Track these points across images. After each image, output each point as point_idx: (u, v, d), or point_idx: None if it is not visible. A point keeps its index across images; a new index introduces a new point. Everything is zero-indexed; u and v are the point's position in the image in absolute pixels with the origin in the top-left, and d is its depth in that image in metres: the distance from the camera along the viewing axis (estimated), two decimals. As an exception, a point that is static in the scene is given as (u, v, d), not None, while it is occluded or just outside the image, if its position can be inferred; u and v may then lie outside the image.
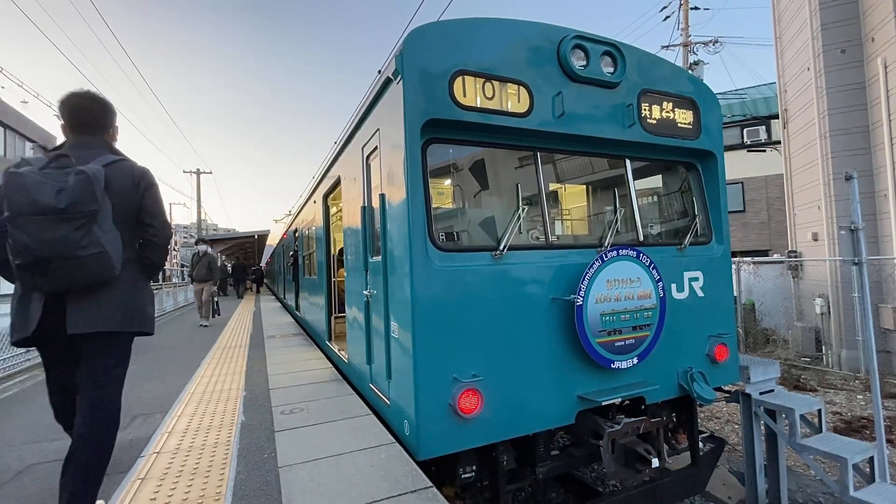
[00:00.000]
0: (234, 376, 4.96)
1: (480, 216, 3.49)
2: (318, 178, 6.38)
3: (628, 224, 3.73)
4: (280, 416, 3.54)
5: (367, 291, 3.67)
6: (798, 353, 9.57)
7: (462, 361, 2.83)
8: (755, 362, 4.40)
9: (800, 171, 10.66)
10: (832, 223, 9.17)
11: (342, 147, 4.66)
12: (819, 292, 9.55)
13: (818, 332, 9.52)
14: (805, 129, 10.20)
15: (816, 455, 3.83)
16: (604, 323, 3.21)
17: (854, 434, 5.78)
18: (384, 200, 3.20)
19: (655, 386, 3.43)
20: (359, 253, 3.86)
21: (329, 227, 6.06)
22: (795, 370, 8.66)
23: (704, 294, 3.81)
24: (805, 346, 9.57)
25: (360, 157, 3.88)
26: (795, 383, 7.94)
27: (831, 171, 9.11)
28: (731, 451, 5.72)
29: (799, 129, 10.57)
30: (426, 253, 2.81)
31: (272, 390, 4.31)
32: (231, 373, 5.13)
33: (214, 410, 3.80)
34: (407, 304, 2.80)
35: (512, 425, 2.97)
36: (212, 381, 4.79)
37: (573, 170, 3.92)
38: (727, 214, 4.03)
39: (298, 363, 5.50)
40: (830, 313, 9.17)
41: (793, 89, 10.82)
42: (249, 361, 5.74)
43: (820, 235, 9.69)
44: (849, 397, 7.38)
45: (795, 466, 5.34)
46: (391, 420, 3.20)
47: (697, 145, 3.87)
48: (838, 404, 7.08)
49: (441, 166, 3.25)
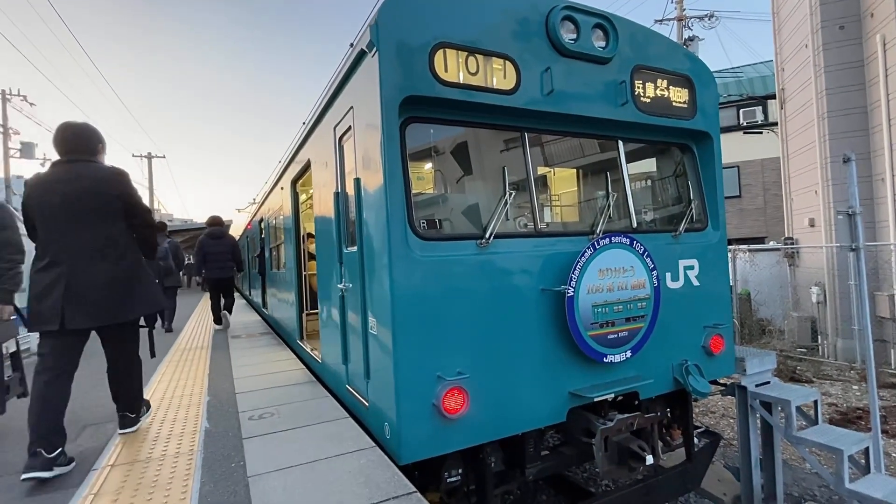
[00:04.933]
0: (195, 380, 4.90)
1: (464, 202, 3.49)
2: (285, 161, 6.29)
3: (621, 210, 3.78)
4: (248, 422, 3.51)
5: (341, 285, 3.66)
6: (794, 344, 9.96)
7: (446, 358, 2.85)
8: (751, 354, 4.55)
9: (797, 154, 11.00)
10: (829, 208, 9.51)
11: (312, 127, 4.60)
12: (816, 280, 9.93)
13: (814, 322, 9.92)
14: (803, 109, 10.50)
15: (812, 447, 4.01)
16: (596, 315, 3.25)
17: (850, 425, 6.08)
18: (359, 186, 3.17)
19: (649, 380, 3.50)
20: (332, 243, 3.86)
21: (298, 215, 6.01)
22: (791, 361, 9.02)
23: (700, 283, 3.89)
24: (801, 337, 9.97)
25: (331, 138, 3.85)
26: (791, 375, 8.27)
27: (829, 154, 9.43)
28: (727, 446, 5.94)
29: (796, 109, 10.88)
30: (406, 242, 2.81)
31: (238, 394, 4.27)
32: (192, 376, 5.06)
33: (175, 417, 3.74)
34: (386, 298, 2.80)
35: (500, 425, 3.01)
36: (171, 385, 4.72)
37: (563, 152, 3.96)
38: (724, 199, 4.13)
39: (267, 365, 5.47)
40: (827, 302, 9.55)
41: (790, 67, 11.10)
42: (213, 364, 5.67)
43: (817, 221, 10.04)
44: (845, 388, 7.73)
45: (791, 460, 5.58)
46: (370, 423, 3.21)
47: (693, 126, 3.93)
48: (834, 395, 7.42)
49: (421, 148, 3.24)
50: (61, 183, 2.92)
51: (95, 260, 2.92)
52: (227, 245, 8.40)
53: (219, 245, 8.32)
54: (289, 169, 6.07)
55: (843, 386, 7.86)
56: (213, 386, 4.62)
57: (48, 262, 2.89)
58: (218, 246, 8.31)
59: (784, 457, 5.38)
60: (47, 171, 3.00)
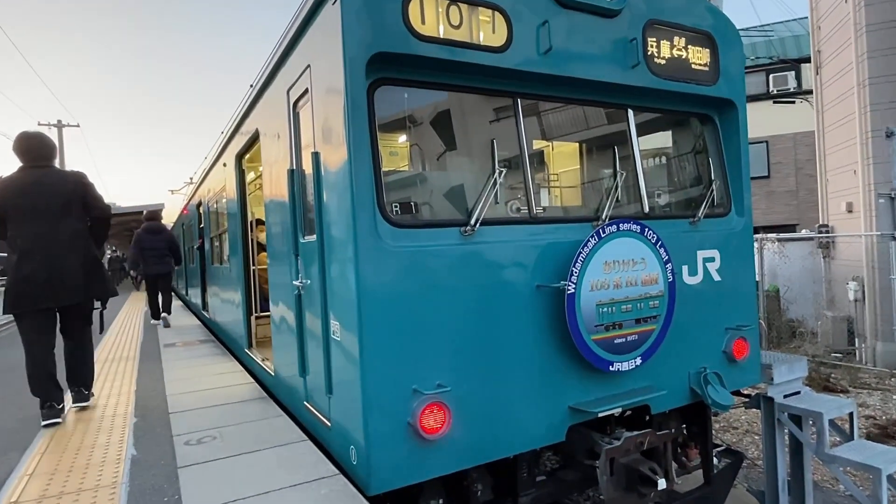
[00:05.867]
0: (119, 398, 4.86)
1: (446, 183, 3.50)
2: (228, 132, 6.24)
3: (631, 192, 3.81)
4: (184, 448, 3.50)
5: (298, 282, 3.66)
6: (828, 349, 10.28)
7: (424, 368, 2.86)
8: (779, 359, 4.67)
9: (834, 128, 11.27)
10: (870, 191, 9.78)
11: (261, 91, 4.55)
12: (853, 275, 10.24)
13: (851, 323, 10.24)
14: (841, 75, 10.75)
15: (847, 466, 4.15)
16: (601, 315, 3.27)
17: (889, 440, 6.32)
18: (318, 162, 3.16)
19: (662, 391, 3.54)
20: (286, 232, 3.85)
21: (245, 198, 5.99)
22: (825, 368, 9.32)
23: (721, 277, 3.96)
24: (836, 340, 10.29)
25: (284, 103, 3.83)
26: (824, 383, 8.54)
27: (870, 128, 9.67)
28: (750, 467, 6.12)
29: (834, 75, 11.13)
30: (375, 230, 2.81)
31: (173, 414, 4.28)
32: (116, 393, 5.02)
33: (94, 443, 3.70)
34: (351, 297, 2.79)
35: (487, 446, 3.02)
36: (89, 404, 4.65)
37: (563, 124, 3.95)
38: (749, 180, 4.20)
39: (208, 378, 5.48)
40: (865, 300, 9.86)
41: (827, 26, 11.32)
42: (141, 378, 5.63)
43: (855, 206, 10.33)
44: (884, 398, 8.03)
45: (823, 481, 5.78)
46: (333, 446, 3.21)
47: (715, 93, 3.96)
48: (872, 406, 7.69)
49: (394, 118, 3.24)
50: (34, 185, 4.02)
51: (66, 250, 4.04)
52: (165, 240, 9.58)
53: (156, 240, 9.47)
54: (233, 142, 6.01)
55: (882, 396, 8.16)
56: (142, 405, 4.59)
57: (27, 254, 3.93)
58: (155, 241, 9.45)
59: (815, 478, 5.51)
60: (16, 176, 4.06)
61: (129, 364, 6.39)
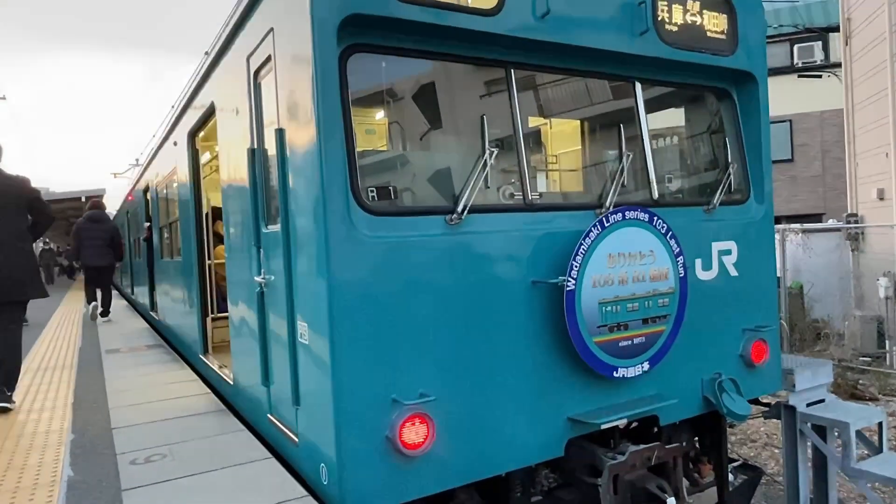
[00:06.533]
0: (54, 412, 4.82)
1: (429, 165, 3.49)
2: (180, 106, 6.21)
3: (638, 177, 3.85)
4: (130, 468, 3.47)
5: (260, 278, 3.66)
6: (856, 352, 10.47)
7: (404, 376, 2.87)
8: (802, 364, 4.73)
9: (865, 105, 11.42)
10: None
11: (217, 58, 4.51)
12: (884, 269, 10.41)
13: (881, 323, 10.42)
14: (873, 45, 10.88)
15: (875, 482, 4.23)
16: (604, 315, 3.28)
17: (921, 453, 6.44)
18: (283, 140, 3.15)
19: (673, 400, 3.58)
20: (246, 221, 3.84)
21: (200, 182, 5.99)
22: (852, 373, 9.48)
23: (739, 272, 4.01)
24: (865, 342, 10.48)
25: (244, 73, 3.80)
26: (852, 391, 8.70)
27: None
28: (770, 484, 6.21)
29: (865, 46, 11.26)
30: (348, 218, 2.80)
31: (116, 430, 4.25)
32: (50, 407, 4.98)
33: (24, 464, 3.65)
34: (321, 295, 2.79)
35: (477, 463, 3.04)
36: (18, 418, 4.61)
37: (563, 99, 3.97)
38: (770, 163, 4.24)
39: (157, 388, 5.47)
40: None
41: (858, -10, 11.43)
42: (79, 389, 5.59)
43: (887, 192, 10.51)
44: (917, 406, 8.19)
45: (848, 498, 5.89)
46: (301, 464, 3.21)
47: (733, 64, 3.99)
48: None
49: (370, 91, 3.23)
50: None
51: (13, 247, 4.71)
52: (107, 230, 10.10)
53: (97, 230, 9.93)
54: (185, 117, 5.97)
55: (915, 404, 8.32)
56: (81, 419, 4.55)
57: None
58: (96, 231, 9.91)
59: (840, 495, 5.60)
60: None
61: (66, 373, 6.34)
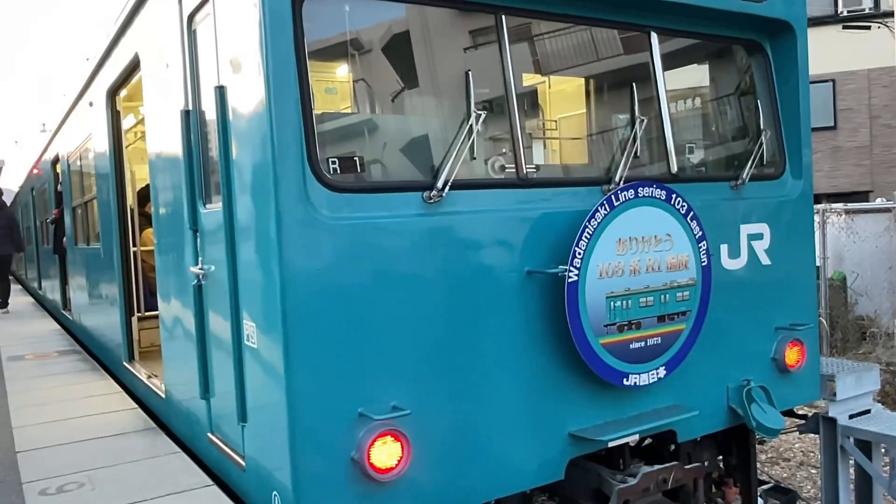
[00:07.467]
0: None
1: (403, 131, 3.41)
2: (96, 59, 5.82)
3: (654, 146, 3.74)
4: (39, 499, 3.34)
5: (197, 269, 3.53)
6: (907, 355, 10.10)
7: (373, 385, 2.79)
8: (844, 369, 4.57)
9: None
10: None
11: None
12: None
13: (936, 320, 10.06)
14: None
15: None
16: (612, 312, 3.21)
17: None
18: (225, 100, 3.00)
19: (693, 412, 3.47)
20: (180, 199, 3.70)
21: (122, 151, 5.68)
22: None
23: (772, 261, 3.87)
24: (918, 344, 10.12)
25: (176, 16, 3.59)
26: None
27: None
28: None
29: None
30: (305, 195, 2.69)
31: (22, 454, 4.09)
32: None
33: None
34: (272, 289, 2.69)
35: (461, 490, 2.96)
36: None
37: (564, 52, 3.82)
38: (809, 131, 4.08)
39: (72, 403, 5.28)
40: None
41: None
42: (-24, 405, 5.60)
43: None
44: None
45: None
46: (249, 492, 3.14)
47: (766, 12, 3.83)
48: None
49: (332, 42, 3.17)
50: None
51: None
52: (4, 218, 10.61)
53: None
54: (102, 71, 5.62)
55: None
56: (-25, 442, 4.51)
57: None
58: None
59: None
60: None
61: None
